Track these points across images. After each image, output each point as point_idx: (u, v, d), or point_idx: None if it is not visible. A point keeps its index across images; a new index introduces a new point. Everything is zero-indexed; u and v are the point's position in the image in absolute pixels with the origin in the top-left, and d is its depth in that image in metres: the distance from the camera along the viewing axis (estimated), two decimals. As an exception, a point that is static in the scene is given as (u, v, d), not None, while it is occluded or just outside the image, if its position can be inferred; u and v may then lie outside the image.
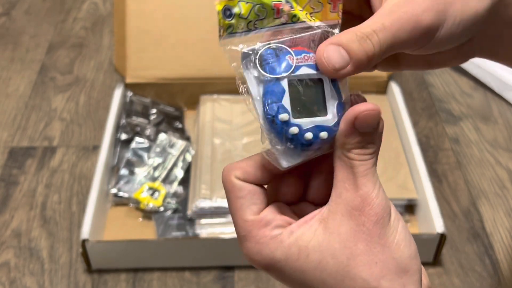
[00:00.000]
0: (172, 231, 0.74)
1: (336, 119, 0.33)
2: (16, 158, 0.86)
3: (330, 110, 0.33)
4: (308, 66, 0.33)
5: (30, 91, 0.98)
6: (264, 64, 0.32)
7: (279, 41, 0.33)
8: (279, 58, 0.33)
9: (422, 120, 0.94)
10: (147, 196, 0.76)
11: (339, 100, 0.33)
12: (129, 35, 0.88)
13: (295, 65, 0.32)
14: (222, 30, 0.32)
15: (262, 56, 0.33)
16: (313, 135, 0.33)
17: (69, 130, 0.91)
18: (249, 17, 0.33)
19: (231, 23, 0.32)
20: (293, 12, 0.34)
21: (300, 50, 0.33)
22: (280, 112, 0.32)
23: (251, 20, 0.33)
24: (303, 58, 0.33)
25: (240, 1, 0.32)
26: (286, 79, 0.32)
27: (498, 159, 0.87)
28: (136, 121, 0.86)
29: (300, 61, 0.33)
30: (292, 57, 0.33)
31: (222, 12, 0.32)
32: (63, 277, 0.71)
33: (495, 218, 0.79)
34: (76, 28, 1.13)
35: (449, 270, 0.72)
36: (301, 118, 0.33)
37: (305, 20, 0.34)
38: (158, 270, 0.72)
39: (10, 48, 1.08)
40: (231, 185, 0.33)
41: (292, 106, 0.32)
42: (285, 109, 0.32)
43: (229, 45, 0.32)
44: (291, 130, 0.32)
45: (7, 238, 0.75)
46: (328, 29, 0.34)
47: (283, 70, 0.32)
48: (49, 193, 0.81)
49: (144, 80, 0.89)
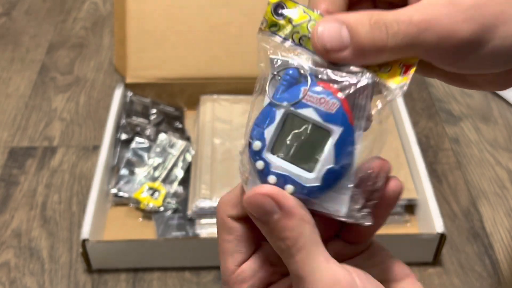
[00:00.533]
0: (172, 231, 0.74)
1: (317, 183, 0.28)
2: (16, 158, 0.86)
3: (318, 169, 0.28)
4: (316, 110, 0.28)
5: (30, 91, 0.98)
6: (278, 83, 0.29)
7: (313, 68, 0.28)
8: (294, 86, 0.28)
9: (422, 120, 0.94)
10: (147, 196, 0.76)
11: (337, 164, 0.28)
12: (129, 35, 0.88)
13: (301, 100, 0.28)
14: (265, 24, 0.29)
15: (282, 73, 0.29)
16: (276, 182, 0.28)
17: (69, 130, 0.91)
18: (297, 28, 0.29)
19: (277, 22, 0.29)
20: None
21: (325, 90, 0.28)
22: (255, 139, 0.29)
23: (298, 32, 0.29)
24: (319, 99, 0.28)
25: (299, 5, 0.29)
26: (283, 109, 0.28)
27: (498, 159, 0.87)
28: (136, 121, 0.86)
29: (312, 100, 0.28)
30: (306, 91, 0.28)
31: (274, 6, 0.29)
32: (63, 277, 0.71)
33: (495, 218, 0.79)
34: (76, 28, 1.13)
35: (449, 270, 0.72)
36: (277, 157, 0.29)
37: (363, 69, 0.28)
38: (158, 270, 0.72)
39: (10, 48, 1.08)
40: (221, 223, 0.31)
41: (277, 140, 0.28)
42: (262, 138, 0.28)
43: (264, 42, 0.29)
44: (257, 163, 0.29)
45: (7, 238, 0.75)
46: (383, 86, 0.28)
47: (285, 99, 0.28)
48: (49, 193, 0.81)
49: (144, 80, 0.89)
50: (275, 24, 0.29)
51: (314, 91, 0.28)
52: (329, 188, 0.28)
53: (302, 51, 0.29)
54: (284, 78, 0.28)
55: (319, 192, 0.28)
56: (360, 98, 0.28)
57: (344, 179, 0.28)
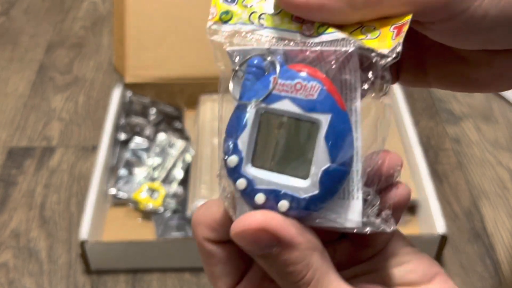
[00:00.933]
0: (171, 232, 0.74)
1: (315, 191, 0.22)
2: (15, 158, 0.86)
3: (312, 175, 0.22)
4: (293, 100, 0.22)
5: (29, 91, 0.98)
6: (243, 78, 0.23)
7: (280, 50, 0.23)
8: (262, 77, 0.23)
9: (422, 120, 0.93)
10: (147, 196, 0.75)
11: (335, 162, 0.22)
12: (128, 34, 0.88)
13: (271, 92, 0.22)
14: (215, 14, 0.25)
15: (245, 66, 0.23)
16: (265, 201, 0.23)
17: (68, 130, 0.91)
18: (253, 7, 0.24)
19: (229, 9, 0.24)
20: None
21: (299, 72, 0.22)
22: (229, 153, 0.23)
23: (255, 11, 0.24)
24: (293, 85, 0.22)
25: None
26: (254, 109, 0.23)
27: (499, 159, 0.86)
28: (135, 121, 0.86)
29: (285, 88, 0.22)
30: (276, 80, 0.22)
31: None
32: (62, 278, 0.71)
33: (496, 218, 0.78)
34: (76, 28, 1.13)
35: (450, 271, 0.72)
36: (261, 170, 0.23)
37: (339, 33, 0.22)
38: (157, 270, 0.71)
39: (9, 48, 1.07)
40: (200, 246, 0.26)
41: (255, 148, 0.23)
42: (237, 150, 0.23)
43: (216, 35, 0.24)
44: (238, 182, 0.23)
45: (6, 238, 0.75)
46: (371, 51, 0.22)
47: (253, 95, 0.23)
48: (48, 194, 0.81)
49: (143, 80, 0.89)
50: (227, 12, 0.24)
51: (286, 77, 0.22)
52: (332, 194, 0.22)
53: (264, 32, 0.23)
54: (248, 71, 0.23)
55: (320, 201, 0.22)
56: (347, 73, 0.23)
57: (349, 178, 0.23)
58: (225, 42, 0.24)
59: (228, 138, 0.23)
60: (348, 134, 0.22)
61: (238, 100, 0.23)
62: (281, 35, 0.23)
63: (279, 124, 0.23)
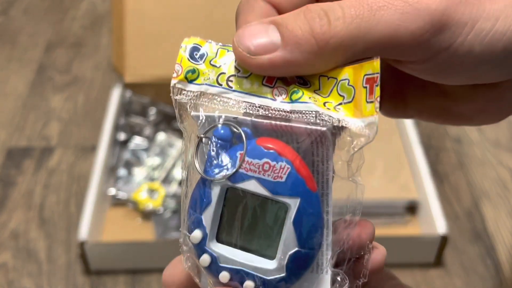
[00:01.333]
0: (171, 232, 0.73)
1: (281, 274, 0.22)
2: (14, 158, 0.86)
3: (279, 256, 0.22)
4: (261, 181, 0.21)
5: (28, 91, 0.97)
6: (207, 148, 0.22)
7: (248, 121, 0.22)
8: (228, 150, 0.22)
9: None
10: (146, 197, 0.75)
11: (303, 247, 0.21)
12: (127, 34, 0.87)
13: (238, 171, 0.21)
14: (180, 72, 0.23)
15: (211, 134, 0.22)
16: (230, 279, 0.22)
17: (68, 130, 0.90)
18: (221, 68, 0.22)
19: (195, 67, 0.23)
20: (296, 87, 0.22)
21: (268, 150, 0.21)
22: (193, 228, 0.22)
23: (224, 72, 0.22)
24: (261, 165, 0.21)
25: (218, 44, 0.23)
26: (219, 186, 0.22)
27: (500, 159, 0.86)
28: (135, 121, 0.85)
29: (252, 168, 0.21)
30: (242, 157, 0.21)
31: (189, 50, 0.23)
32: (61, 278, 0.70)
33: (497, 219, 0.78)
34: (75, 27, 1.12)
35: (450, 271, 0.72)
36: (225, 246, 0.22)
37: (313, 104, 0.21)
38: (157, 271, 0.71)
39: (8, 47, 1.07)
40: None
41: (221, 223, 0.22)
42: (201, 226, 0.22)
43: (180, 95, 0.23)
44: (201, 259, 0.22)
45: (5, 239, 0.74)
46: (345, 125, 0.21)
47: (218, 171, 0.22)
48: (48, 194, 0.80)
49: (143, 80, 0.89)
50: (193, 70, 0.23)
51: (254, 155, 0.21)
52: (299, 277, 0.22)
53: (232, 96, 0.22)
54: (213, 141, 0.22)
55: (287, 284, 0.22)
56: (319, 147, 0.22)
57: (317, 259, 0.22)
58: (190, 103, 0.23)
59: (192, 212, 0.22)
60: (317, 218, 0.22)
61: (202, 174, 0.22)
62: (250, 100, 0.22)
63: (245, 202, 0.22)
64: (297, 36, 0.20)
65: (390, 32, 0.21)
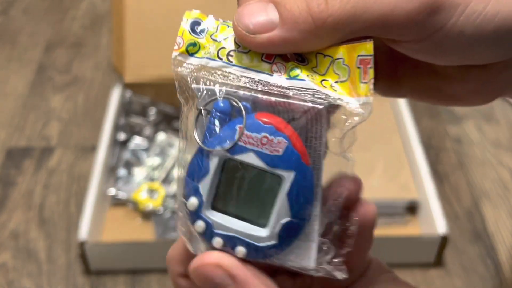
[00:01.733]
0: (171, 232, 0.73)
1: (273, 241, 0.23)
2: (14, 158, 0.86)
3: (271, 225, 0.23)
4: (258, 154, 0.22)
5: (28, 91, 0.97)
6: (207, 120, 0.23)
7: (247, 95, 0.23)
8: (227, 123, 0.23)
9: (423, 120, 0.93)
10: (146, 197, 0.75)
11: (295, 217, 0.23)
12: (127, 34, 0.87)
13: (237, 143, 0.22)
14: (181, 44, 0.24)
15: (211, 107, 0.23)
16: (223, 245, 0.23)
17: (68, 130, 0.90)
18: (222, 42, 0.23)
19: (196, 41, 0.24)
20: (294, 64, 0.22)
21: (266, 125, 0.22)
22: (189, 196, 0.23)
23: (224, 47, 0.23)
24: (259, 139, 0.22)
25: (219, 19, 0.24)
26: (217, 157, 0.23)
27: (500, 159, 0.86)
28: (135, 121, 0.85)
29: (251, 141, 0.22)
30: (241, 130, 0.22)
31: (191, 23, 0.24)
32: (61, 279, 0.70)
33: (497, 219, 0.78)
34: (75, 27, 1.12)
35: (450, 272, 0.72)
36: (220, 213, 0.23)
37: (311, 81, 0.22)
38: (157, 271, 0.71)
39: (8, 47, 1.07)
40: (173, 282, 0.26)
41: (217, 192, 0.23)
42: (198, 194, 0.23)
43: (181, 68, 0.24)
44: (196, 225, 0.23)
45: (5, 239, 0.74)
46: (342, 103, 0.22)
47: (217, 143, 0.23)
48: (47, 194, 0.80)
49: (143, 80, 0.89)
50: (194, 43, 0.24)
51: (253, 129, 0.22)
52: (289, 244, 0.23)
53: (232, 71, 0.23)
54: (213, 114, 0.23)
55: (277, 251, 0.23)
56: (314, 124, 0.23)
57: (306, 229, 0.23)
58: (190, 76, 0.23)
59: (189, 179, 0.23)
60: (310, 190, 0.23)
61: (201, 145, 0.23)
62: (250, 75, 0.23)
63: (242, 173, 0.23)
64: (295, 15, 0.21)
65: (386, 12, 0.21)
